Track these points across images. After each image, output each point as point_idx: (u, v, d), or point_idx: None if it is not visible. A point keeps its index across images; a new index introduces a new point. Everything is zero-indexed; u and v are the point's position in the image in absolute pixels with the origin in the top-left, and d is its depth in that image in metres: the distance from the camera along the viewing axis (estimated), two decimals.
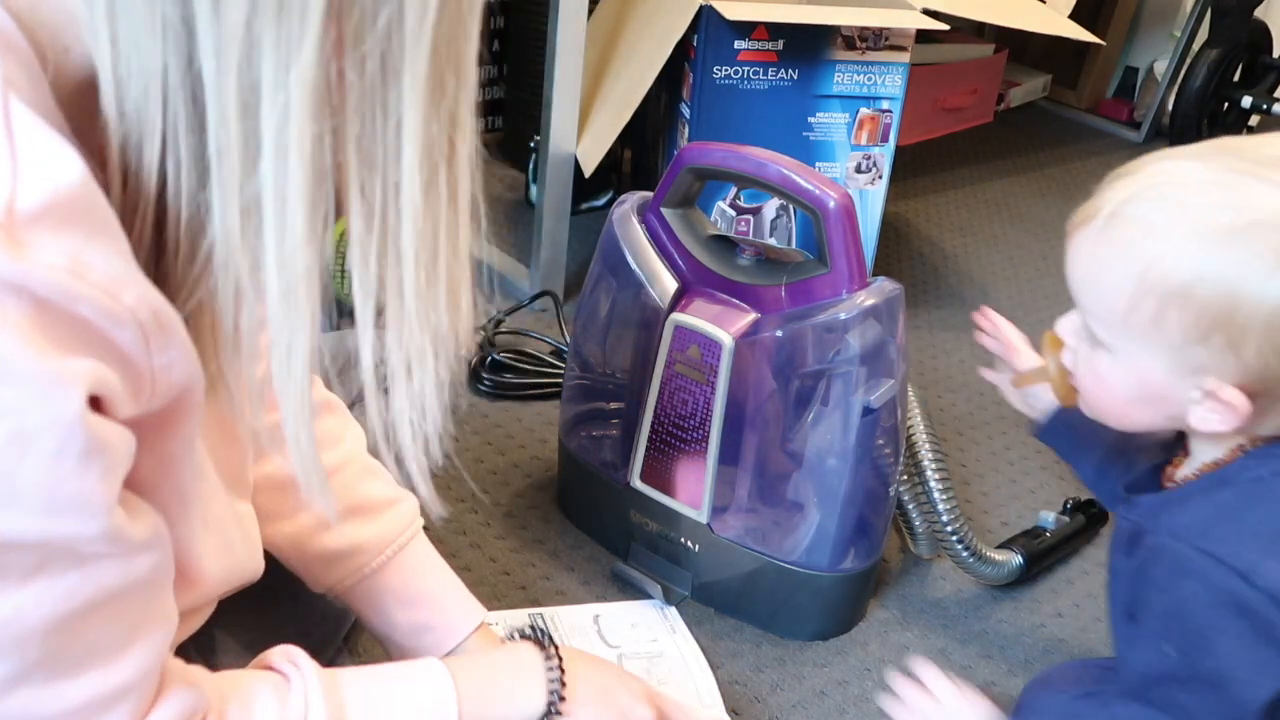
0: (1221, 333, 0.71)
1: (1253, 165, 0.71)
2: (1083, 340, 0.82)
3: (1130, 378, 0.78)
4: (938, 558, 1.23)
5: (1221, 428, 0.75)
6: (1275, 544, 0.73)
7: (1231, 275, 0.70)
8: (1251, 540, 0.73)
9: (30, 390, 0.48)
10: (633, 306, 1.10)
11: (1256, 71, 2.60)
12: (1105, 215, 0.75)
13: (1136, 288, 0.73)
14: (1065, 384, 0.86)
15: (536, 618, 1.09)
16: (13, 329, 0.47)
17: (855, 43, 1.50)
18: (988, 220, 2.19)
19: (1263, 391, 0.73)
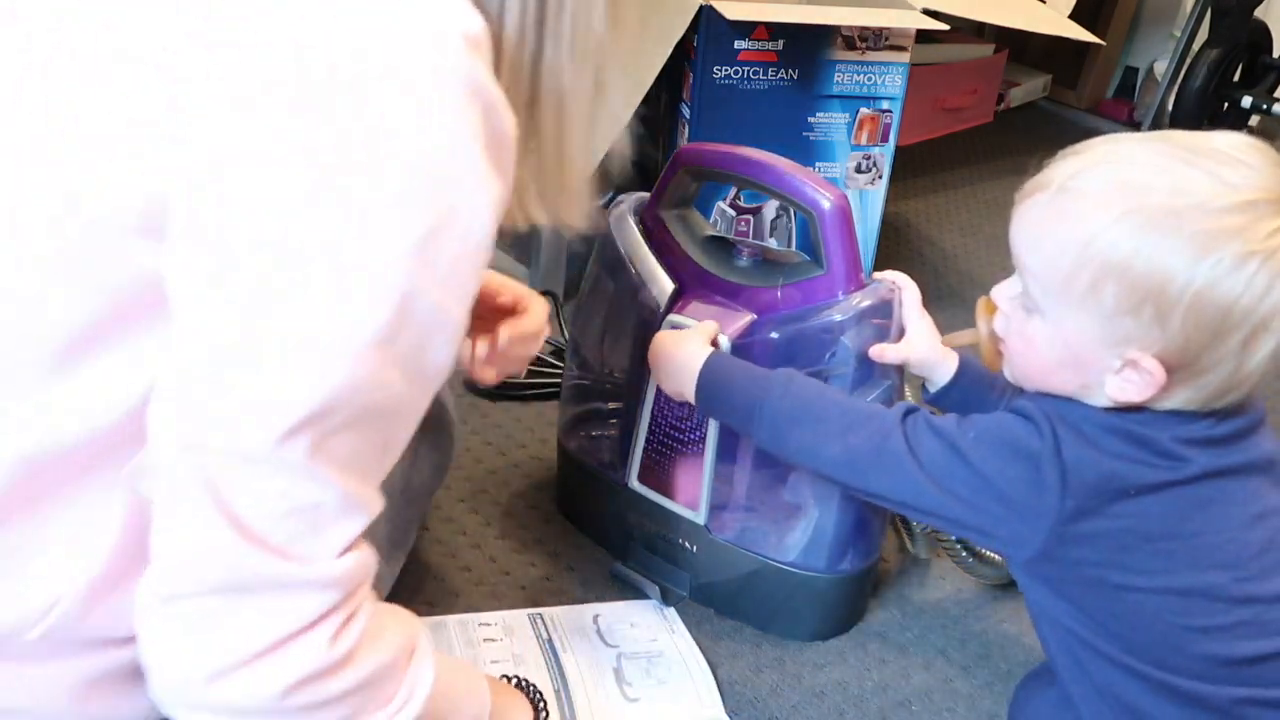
0: (1152, 306, 0.76)
1: (1191, 154, 0.77)
2: (1017, 307, 0.87)
3: (1058, 342, 0.83)
4: (936, 557, 1.23)
5: (1136, 397, 0.80)
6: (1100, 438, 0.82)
7: (1163, 254, 0.75)
8: (1084, 428, 0.83)
9: (472, 185, 0.60)
10: (630, 307, 1.09)
11: (1256, 71, 2.60)
12: (1055, 188, 0.82)
13: (1078, 257, 0.78)
14: (993, 348, 0.92)
15: (535, 617, 1.09)
16: (474, 131, 0.60)
17: (855, 43, 1.50)
18: (988, 220, 2.19)
19: (1179, 365, 0.78)
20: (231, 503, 0.60)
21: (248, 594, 0.61)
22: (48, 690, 0.66)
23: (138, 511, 0.64)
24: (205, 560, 0.61)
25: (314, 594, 0.63)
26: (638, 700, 1.02)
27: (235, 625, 0.61)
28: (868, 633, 1.14)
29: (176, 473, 0.60)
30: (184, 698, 0.64)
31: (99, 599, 0.65)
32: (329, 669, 0.64)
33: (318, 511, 0.62)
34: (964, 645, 1.14)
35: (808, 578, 1.08)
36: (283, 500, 0.60)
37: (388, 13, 0.58)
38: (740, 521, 1.09)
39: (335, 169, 0.57)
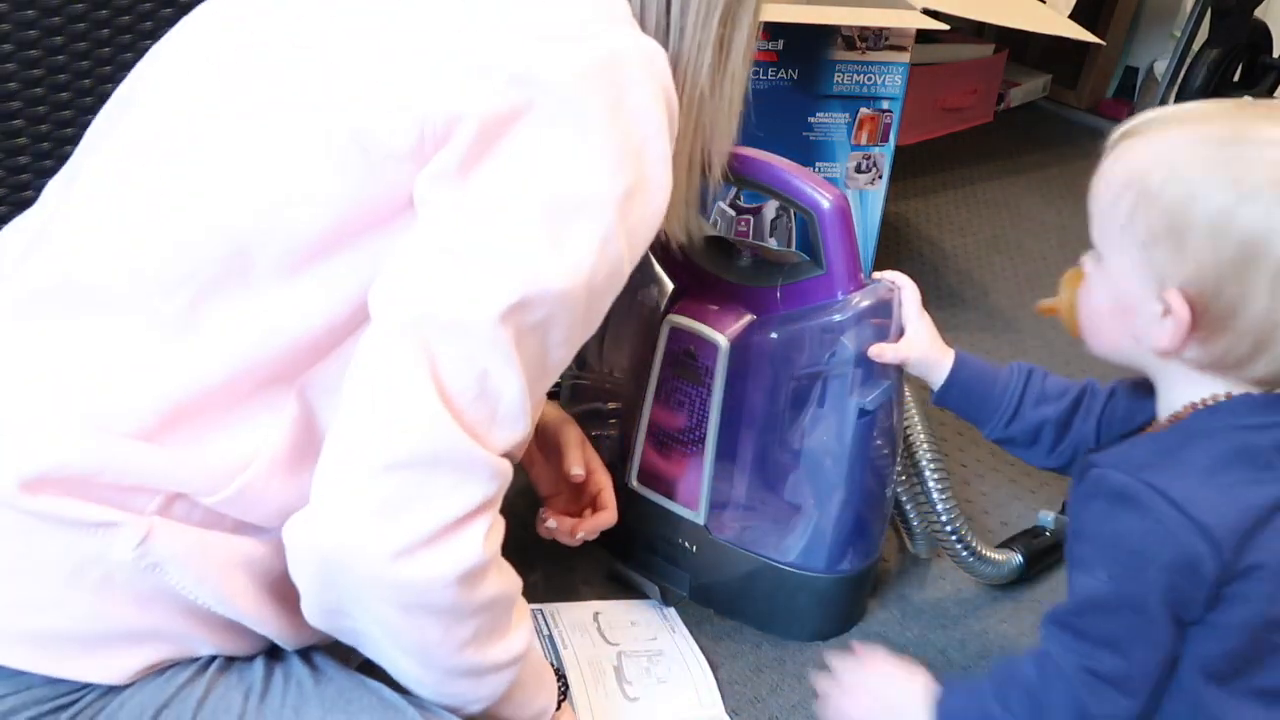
0: (1176, 233, 0.76)
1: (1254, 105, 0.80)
2: (1088, 262, 0.87)
3: (1108, 286, 0.83)
4: (936, 557, 1.23)
5: (1171, 343, 0.79)
6: (1210, 476, 0.77)
7: (1194, 180, 0.75)
8: (1187, 473, 0.78)
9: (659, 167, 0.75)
10: (629, 307, 1.10)
11: (1256, 71, 2.60)
12: (1120, 132, 0.82)
13: (1122, 187, 0.79)
14: (1073, 315, 0.90)
15: (537, 613, 1.10)
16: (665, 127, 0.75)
17: (855, 43, 1.50)
18: (988, 220, 2.18)
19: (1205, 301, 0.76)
20: (442, 372, 0.68)
21: (438, 468, 0.68)
22: (197, 552, 0.72)
23: (306, 412, 0.74)
24: (413, 426, 0.68)
25: (484, 479, 0.70)
26: (638, 699, 1.02)
27: (424, 501, 0.68)
28: (868, 633, 1.14)
29: (398, 344, 0.69)
30: (366, 578, 0.69)
31: (275, 478, 0.73)
32: (483, 568, 0.71)
33: (500, 402, 0.71)
34: (964, 645, 1.14)
35: (808, 578, 1.08)
36: (484, 380, 0.69)
37: (626, 31, 0.75)
38: (740, 521, 1.09)
39: (589, 128, 0.71)
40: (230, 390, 0.72)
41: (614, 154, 0.72)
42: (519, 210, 0.70)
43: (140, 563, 0.70)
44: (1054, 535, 1.25)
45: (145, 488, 0.71)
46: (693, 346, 1.05)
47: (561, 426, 1.07)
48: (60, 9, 1.16)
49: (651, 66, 0.74)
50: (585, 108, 0.71)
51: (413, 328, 0.69)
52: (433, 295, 0.69)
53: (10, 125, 1.17)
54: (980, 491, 1.38)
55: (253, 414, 0.73)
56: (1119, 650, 0.79)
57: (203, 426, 0.72)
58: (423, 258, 0.70)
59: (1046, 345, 1.74)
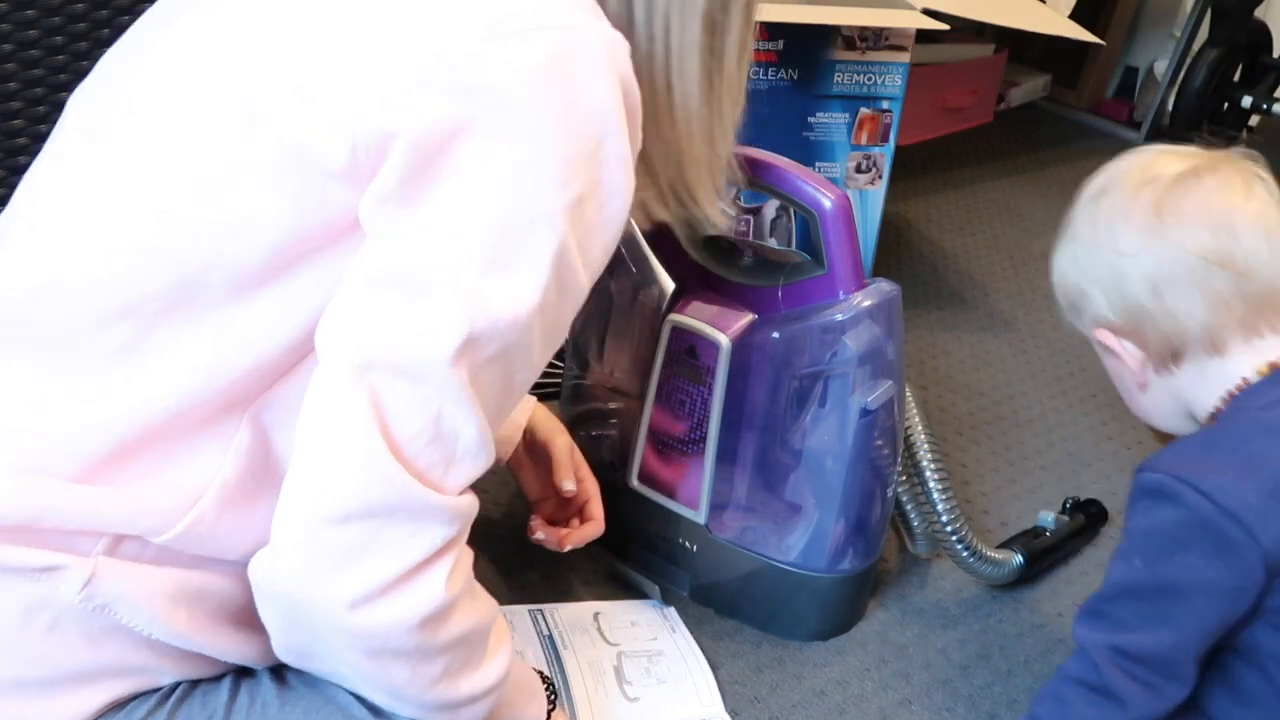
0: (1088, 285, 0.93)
1: None
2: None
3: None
4: (937, 557, 1.23)
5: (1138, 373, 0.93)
6: (1244, 469, 0.82)
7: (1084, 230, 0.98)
8: (1218, 465, 0.83)
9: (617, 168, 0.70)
10: (630, 307, 1.10)
11: (1256, 71, 2.60)
12: None
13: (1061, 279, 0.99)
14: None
15: (536, 614, 1.10)
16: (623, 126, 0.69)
17: (855, 43, 1.50)
18: (988, 220, 2.19)
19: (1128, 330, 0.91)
20: (391, 419, 0.66)
21: (392, 518, 0.66)
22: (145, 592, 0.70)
23: (261, 438, 0.71)
24: (362, 479, 0.66)
25: (442, 524, 0.68)
26: (638, 699, 1.02)
27: (379, 551, 0.66)
28: (868, 633, 1.14)
29: (344, 392, 0.66)
30: (327, 626, 0.68)
31: (227, 512, 0.70)
32: (447, 609, 0.70)
33: (456, 443, 0.68)
34: (964, 645, 1.14)
35: (808, 577, 1.08)
36: (438, 424, 0.67)
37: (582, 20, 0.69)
38: (740, 521, 1.09)
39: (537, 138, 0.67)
40: (177, 424, 0.69)
41: (564, 162, 0.67)
42: (462, 239, 0.67)
43: (88, 605, 0.68)
44: (1054, 536, 1.25)
45: (89, 530, 0.68)
46: (694, 346, 1.05)
47: (552, 437, 1.08)
48: (60, 9, 1.16)
49: (609, 59, 0.69)
50: (533, 116, 0.67)
51: (358, 374, 0.66)
52: (377, 339, 0.66)
53: (10, 125, 1.17)
54: (980, 491, 1.38)
55: (200, 447, 0.70)
56: (1150, 630, 0.82)
57: (147, 464, 0.69)
58: (366, 294, 0.67)
59: (1047, 345, 1.74)
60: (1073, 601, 1.22)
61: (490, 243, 0.67)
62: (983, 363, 1.68)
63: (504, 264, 0.67)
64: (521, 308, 0.68)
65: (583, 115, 0.68)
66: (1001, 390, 1.61)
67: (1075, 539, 1.29)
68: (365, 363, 0.66)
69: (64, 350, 0.69)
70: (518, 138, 0.67)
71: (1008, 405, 1.58)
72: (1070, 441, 1.51)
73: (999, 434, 1.51)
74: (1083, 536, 1.30)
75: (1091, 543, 1.31)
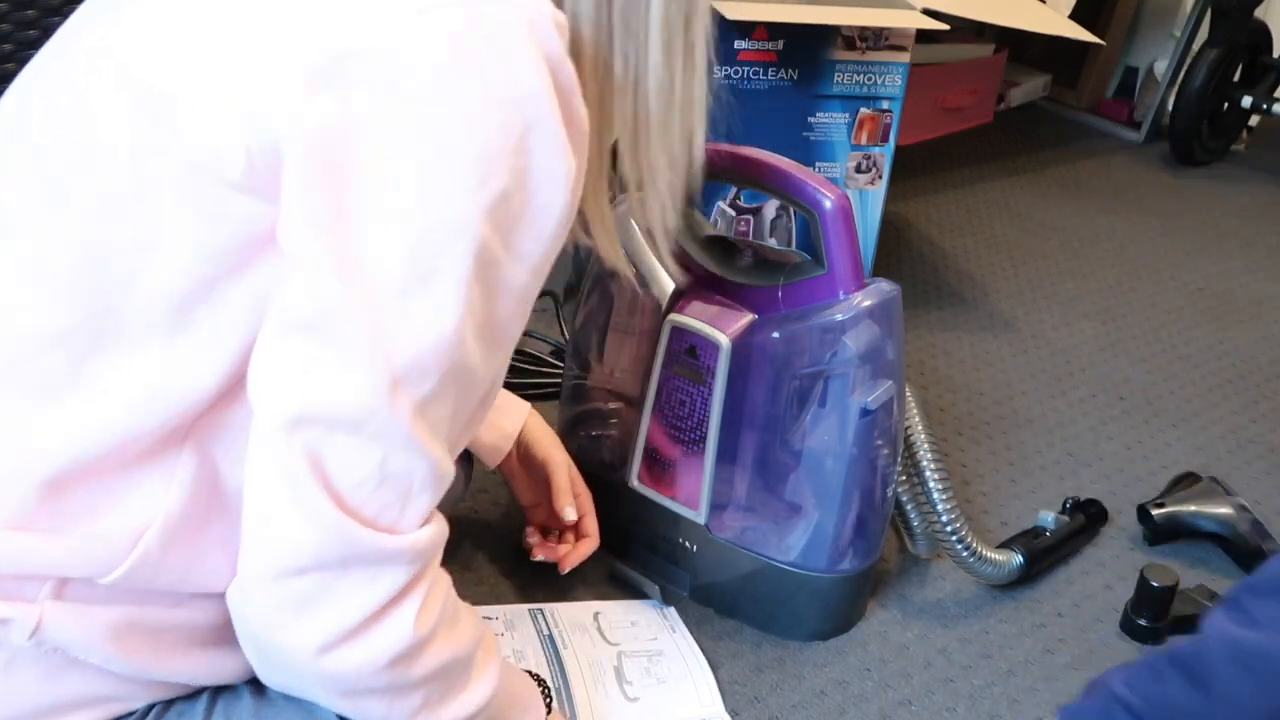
0: None
1: None
2: None
3: None
4: (937, 557, 1.23)
5: None
6: None
7: None
8: None
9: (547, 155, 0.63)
10: (630, 307, 1.10)
11: (1256, 71, 2.60)
12: None
13: None
14: None
15: (536, 613, 1.10)
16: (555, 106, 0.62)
17: (855, 43, 1.50)
18: (988, 220, 2.19)
19: None
20: (332, 472, 0.63)
21: (347, 568, 0.64)
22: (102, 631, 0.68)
23: (207, 465, 0.67)
24: (309, 536, 0.63)
25: (402, 565, 0.66)
26: (638, 699, 1.02)
27: (337, 599, 0.65)
28: (868, 633, 1.14)
29: (280, 449, 0.63)
30: (296, 670, 0.67)
31: (174, 546, 0.67)
32: (418, 646, 0.68)
33: (410, 481, 0.65)
34: (964, 645, 1.14)
35: (808, 577, 1.08)
36: (380, 470, 0.64)
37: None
38: (740, 521, 1.09)
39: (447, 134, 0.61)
40: (114, 458, 0.65)
41: (480, 159, 0.61)
42: (370, 264, 0.61)
43: (40, 649, 0.66)
44: (1054, 536, 1.25)
45: (30, 576, 0.65)
46: (694, 346, 1.05)
47: (550, 455, 1.07)
48: (60, 9, 1.16)
49: (527, 33, 0.61)
50: (438, 112, 0.60)
51: (290, 432, 0.62)
52: (301, 394, 0.62)
53: None
54: (980, 491, 1.38)
55: (141, 481, 0.66)
56: None
57: (85, 502, 0.66)
58: (282, 343, 0.63)
59: (1047, 345, 1.74)
60: (1072, 601, 1.22)
61: (401, 263, 0.61)
62: (983, 363, 1.68)
63: (419, 284, 0.62)
64: (446, 328, 0.63)
65: (500, 104, 0.61)
66: (1001, 390, 1.61)
67: (1075, 539, 1.29)
68: (294, 420, 0.62)
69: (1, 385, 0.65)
70: (422, 139, 0.61)
71: (1008, 405, 1.58)
72: (1070, 441, 1.51)
73: (999, 434, 1.51)
74: (1083, 536, 1.30)
75: (1091, 543, 1.31)
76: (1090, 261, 2.05)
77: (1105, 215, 2.25)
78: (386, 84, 0.60)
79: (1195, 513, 1.32)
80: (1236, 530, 1.30)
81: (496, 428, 1.06)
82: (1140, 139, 2.67)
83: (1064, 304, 1.88)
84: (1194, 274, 2.07)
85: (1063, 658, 1.14)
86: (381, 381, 0.62)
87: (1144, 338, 1.81)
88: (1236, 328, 1.88)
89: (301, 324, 0.62)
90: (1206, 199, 2.42)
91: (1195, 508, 1.32)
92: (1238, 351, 1.80)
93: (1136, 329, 1.83)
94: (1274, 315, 1.94)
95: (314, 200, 0.61)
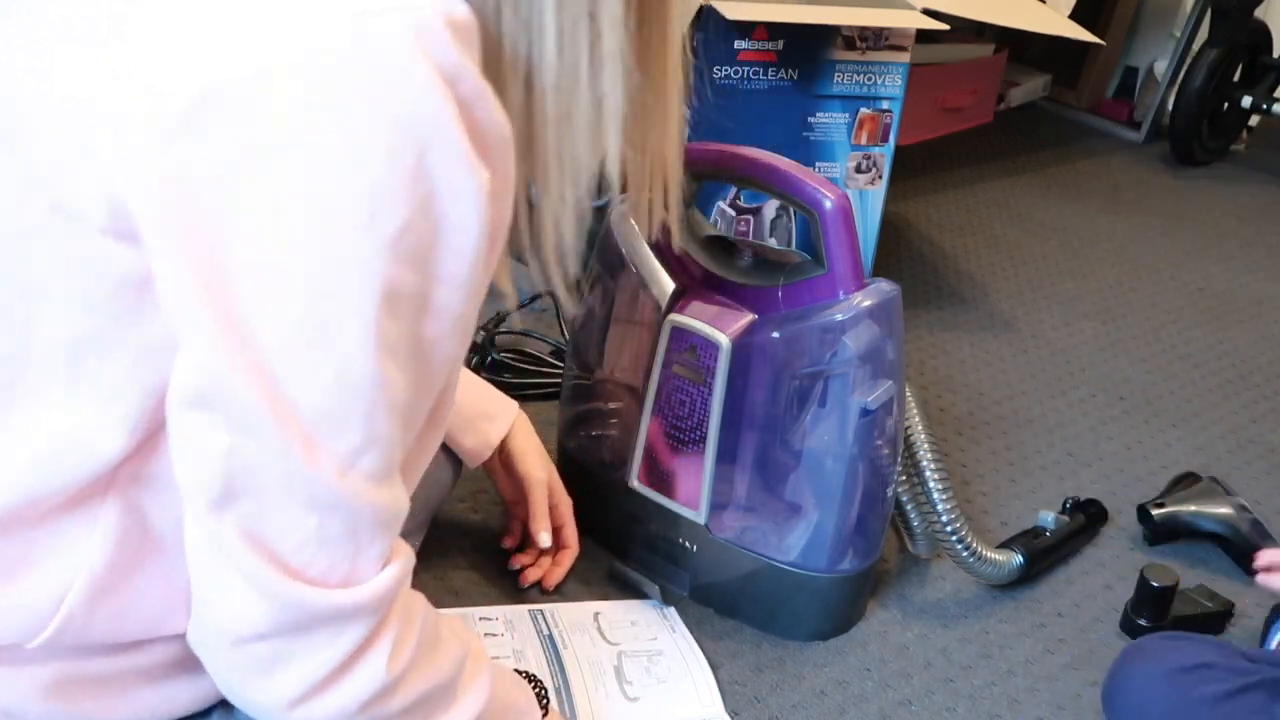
0: None
1: None
2: None
3: None
4: (937, 557, 1.23)
5: None
6: None
7: None
8: None
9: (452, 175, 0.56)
10: (630, 307, 1.10)
11: (1256, 71, 2.60)
12: None
13: None
14: None
15: (536, 613, 1.10)
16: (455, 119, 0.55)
17: (855, 43, 1.50)
18: (988, 220, 2.19)
19: None
20: (269, 545, 0.60)
21: (307, 630, 0.62)
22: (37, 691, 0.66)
23: (133, 511, 0.64)
24: (260, 608, 0.61)
25: (364, 616, 0.64)
26: (638, 699, 1.02)
27: (302, 658, 0.63)
28: (868, 633, 1.14)
29: (214, 529, 0.60)
30: (272, 717, 0.66)
31: (102, 602, 0.65)
32: (392, 686, 0.66)
33: (353, 534, 0.62)
34: (964, 645, 1.14)
35: (808, 577, 1.08)
36: (318, 532, 0.61)
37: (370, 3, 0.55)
38: (740, 521, 1.09)
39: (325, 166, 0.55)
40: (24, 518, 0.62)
41: (370, 193, 0.55)
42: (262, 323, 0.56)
43: None
44: (1054, 536, 1.25)
45: None
46: (694, 346, 1.05)
47: (529, 476, 1.07)
48: None
49: (414, 44, 0.54)
50: (316, 142, 0.54)
51: (219, 510, 0.60)
52: (219, 469, 0.59)
53: None
54: (980, 491, 1.38)
55: (59, 539, 0.63)
56: None
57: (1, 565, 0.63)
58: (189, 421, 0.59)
59: (1047, 345, 1.74)
60: (1072, 601, 1.22)
61: (292, 321, 0.56)
62: (983, 363, 1.68)
63: (318, 336, 0.57)
64: (356, 376, 0.58)
65: (387, 128, 0.54)
66: (1001, 390, 1.61)
67: (1075, 539, 1.29)
68: (219, 498, 0.59)
69: None
70: (297, 179, 0.54)
71: (1008, 405, 1.58)
72: (1070, 441, 1.51)
73: (999, 434, 1.51)
74: (1083, 536, 1.30)
75: (1091, 543, 1.31)
76: (1090, 261, 2.05)
77: (1105, 215, 2.25)
78: (252, 121, 0.54)
79: (1195, 513, 1.32)
80: (1236, 530, 1.30)
81: (479, 433, 1.06)
82: (1140, 139, 2.67)
83: (1064, 304, 1.88)
84: (1194, 274, 2.07)
85: (1063, 658, 1.14)
86: (293, 445, 0.58)
87: (1144, 338, 1.81)
88: (1236, 328, 1.88)
89: (199, 400, 0.58)
90: (1206, 199, 2.42)
91: (1195, 508, 1.32)
92: (1238, 351, 1.80)
93: (1136, 329, 1.83)
94: (1274, 315, 1.94)
95: (187, 259, 0.56)
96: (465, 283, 0.60)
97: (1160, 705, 0.95)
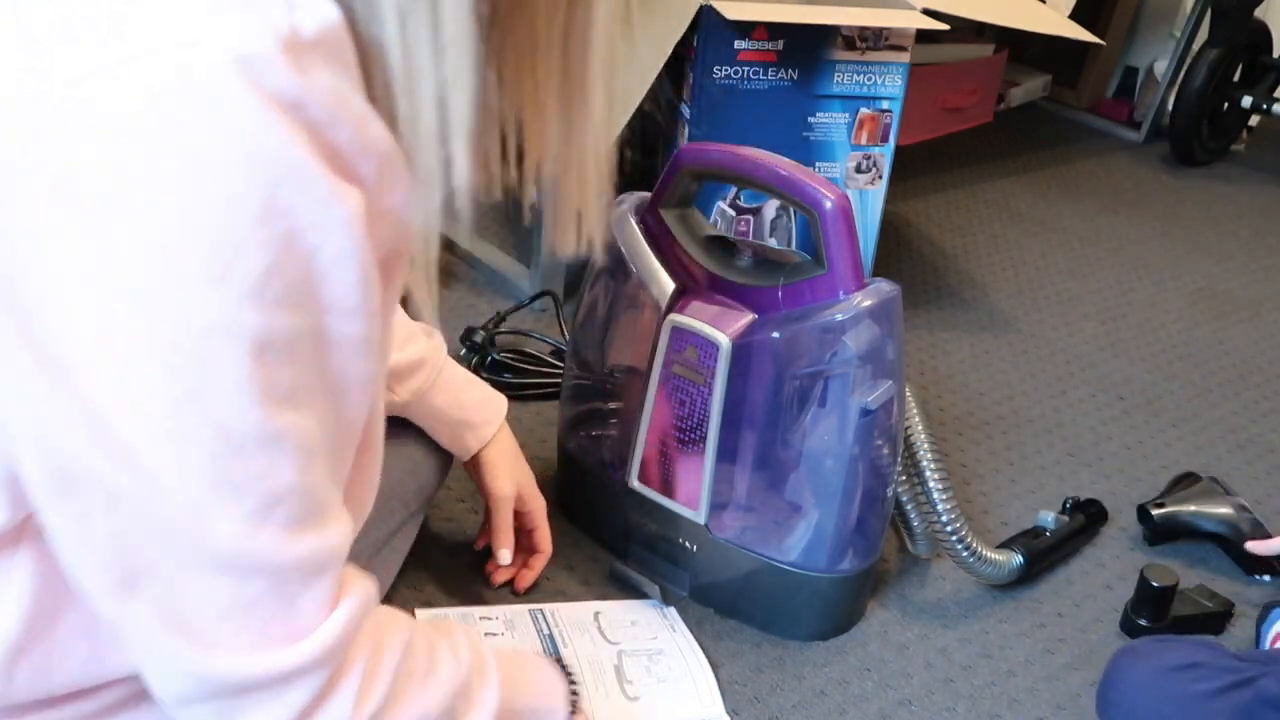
0: None
1: None
2: None
3: None
4: (937, 557, 1.23)
5: None
6: None
7: None
8: None
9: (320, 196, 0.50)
10: (631, 307, 1.10)
11: (1256, 71, 2.60)
12: None
13: None
14: None
15: (536, 613, 1.10)
16: (305, 149, 0.50)
17: (855, 43, 1.50)
18: (988, 220, 2.19)
19: None
20: (187, 621, 0.56)
21: (246, 693, 0.58)
22: None
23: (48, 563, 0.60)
24: (192, 683, 0.58)
25: (311, 675, 0.59)
26: (638, 699, 1.02)
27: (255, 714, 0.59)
28: (868, 633, 1.14)
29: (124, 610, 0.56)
30: None
31: (22, 662, 0.61)
32: None
33: (279, 592, 0.57)
34: (964, 645, 1.14)
35: (808, 577, 1.08)
36: (235, 599, 0.55)
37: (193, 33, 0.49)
38: (740, 521, 1.09)
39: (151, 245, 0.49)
40: None
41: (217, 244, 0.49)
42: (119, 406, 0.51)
43: None
44: (1054, 536, 1.25)
45: None
46: (694, 346, 1.05)
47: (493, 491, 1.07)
48: None
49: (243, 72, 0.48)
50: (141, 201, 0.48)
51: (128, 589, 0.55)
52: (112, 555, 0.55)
53: None
54: (980, 491, 1.38)
55: None
56: None
57: None
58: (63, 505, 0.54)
59: (1047, 345, 1.74)
60: (1072, 601, 1.22)
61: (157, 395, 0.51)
62: (983, 363, 1.68)
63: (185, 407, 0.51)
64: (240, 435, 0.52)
65: (224, 173, 0.49)
66: (1001, 390, 1.61)
67: (1075, 539, 1.29)
68: (121, 584, 0.55)
69: None
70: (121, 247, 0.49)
71: (1008, 405, 1.58)
72: (1070, 441, 1.51)
73: (999, 434, 1.51)
74: (1083, 536, 1.30)
75: (1091, 543, 1.31)
76: (1090, 261, 2.06)
77: (1105, 215, 2.25)
78: (62, 188, 0.48)
79: (1195, 513, 1.32)
80: (1237, 530, 1.30)
81: (457, 440, 1.06)
82: (1140, 139, 2.67)
83: (1064, 304, 1.88)
84: (1194, 274, 2.07)
85: (1063, 658, 1.14)
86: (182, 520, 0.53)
87: (1144, 338, 1.81)
88: (1236, 328, 1.88)
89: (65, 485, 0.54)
90: (1206, 199, 2.42)
91: (1195, 508, 1.32)
92: (1238, 351, 1.80)
93: (1136, 329, 1.83)
94: (1274, 315, 1.94)
95: (13, 361, 0.51)
96: (359, 308, 0.55)
97: (1150, 704, 0.95)
